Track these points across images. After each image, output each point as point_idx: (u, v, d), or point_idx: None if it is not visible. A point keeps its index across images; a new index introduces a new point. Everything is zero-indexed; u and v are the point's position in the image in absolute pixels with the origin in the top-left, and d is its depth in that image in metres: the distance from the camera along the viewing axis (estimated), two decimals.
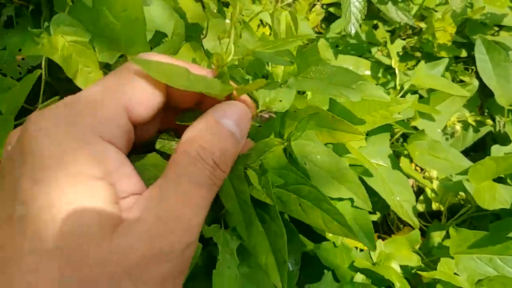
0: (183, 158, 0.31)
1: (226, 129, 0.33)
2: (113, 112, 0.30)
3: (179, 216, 0.29)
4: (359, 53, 1.08)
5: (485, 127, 1.02)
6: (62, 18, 0.54)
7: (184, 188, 0.30)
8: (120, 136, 0.30)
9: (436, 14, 1.09)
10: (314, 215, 0.47)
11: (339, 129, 0.61)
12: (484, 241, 0.77)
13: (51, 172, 0.27)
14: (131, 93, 0.31)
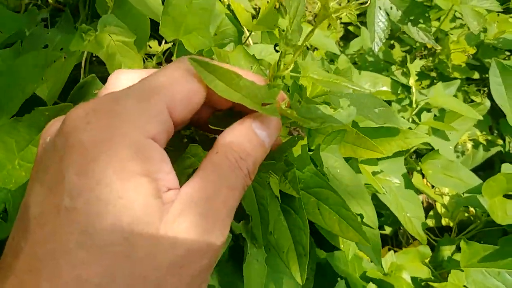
0: (224, 162, 0.33)
1: (260, 140, 0.36)
2: (158, 111, 0.31)
3: (218, 215, 0.31)
4: (376, 70, 1.12)
5: (495, 147, 1.05)
6: (109, 19, 0.57)
7: (223, 191, 0.32)
8: (162, 134, 0.31)
9: (451, 37, 1.13)
10: (331, 220, 0.51)
11: (361, 146, 0.65)
12: (493, 255, 0.80)
13: (97, 166, 0.28)
14: (175, 93, 0.32)
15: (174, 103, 0.32)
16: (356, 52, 1.13)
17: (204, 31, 0.55)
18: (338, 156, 0.62)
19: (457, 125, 0.99)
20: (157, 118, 0.31)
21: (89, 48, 0.52)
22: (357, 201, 0.62)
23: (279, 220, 0.49)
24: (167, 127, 0.32)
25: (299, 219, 0.48)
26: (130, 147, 0.29)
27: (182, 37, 0.56)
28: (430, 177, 0.87)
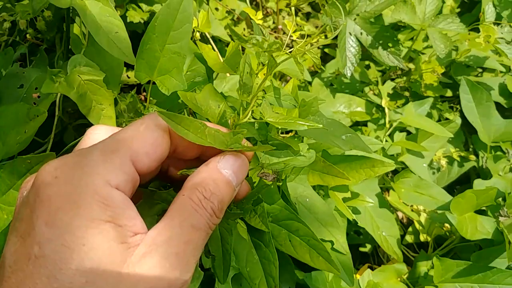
0: (187, 203, 0.35)
1: (226, 179, 0.38)
2: (121, 162, 0.34)
3: (181, 256, 0.33)
4: (352, 91, 1.16)
5: (469, 162, 1.09)
6: (78, 59, 0.60)
7: (187, 231, 0.34)
8: (126, 183, 0.34)
9: (423, 57, 1.17)
10: (302, 251, 0.53)
11: (329, 173, 0.68)
12: (466, 271, 0.83)
13: (64, 216, 0.31)
14: (139, 146, 0.36)
15: (138, 155, 0.35)
16: (332, 74, 1.17)
17: (177, 73, 0.58)
18: (307, 185, 0.65)
19: (430, 142, 1.02)
20: (120, 169, 0.34)
21: (60, 90, 0.55)
22: (327, 228, 0.65)
23: (250, 253, 0.51)
24: (131, 177, 0.35)
25: (269, 252, 0.50)
26: (93, 197, 0.32)
27: (155, 79, 0.58)
28: (402, 195, 0.90)
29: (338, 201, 0.73)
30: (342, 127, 0.68)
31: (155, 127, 0.37)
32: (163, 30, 0.54)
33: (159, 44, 0.56)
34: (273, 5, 1.21)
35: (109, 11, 0.63)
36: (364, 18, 0.97)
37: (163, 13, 0.54)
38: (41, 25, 0.71)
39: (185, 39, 0.55)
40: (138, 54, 0.56)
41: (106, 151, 0.34)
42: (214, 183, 0.37)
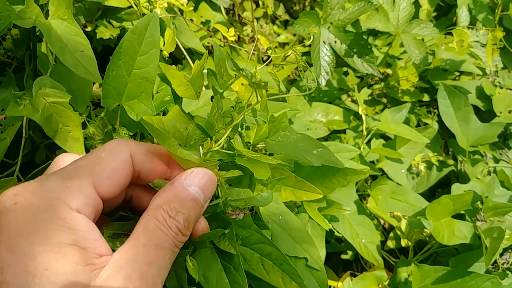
0: (151, 223, 0.36)
1: (192, 197, 0.38)
2: (82, 187, 0.35)
3: (145, 275, 0.33)
4: (330, 99, 1.16)
5: (447, 167, 1.09)
6: (44, 81, 0.58)
7: (151, 251, 0.34)
8: (87, 206, 0.35)
9: (399, 63, 1.18)
10: (275, 275, 0.53)
11: (301, 188, 0.68)
12: (445, 276, 0.83)
13: (25, 241, 0.31)
14: (101, 171, 0.36)
15: (99, 180, 0.36)
16: None
17: (145, 98, 0.57)
18: (279, 203, 0.65)
19: (408, 148, 1.03)
20: (80, 192, 0.34)
21: (24, 113, 0.54)
22: (301, 245, 0.65)
23: (220, 277, 0.51)
24: (93, 201, 0.35)
25: (238, 276, 0.50)
26: (55, 221, 0.32)
27: (124, 104, 0.58)
28: (380, 202, 0.90)
29: (314, 212, 0.73)
30: (313, 142, 0.67)
31: (117, 152, 0.38)
32: (129, 56, 0.54)
33: (126, 70, 0.56)
34: (249, 15, 1.21)
35: (74, 30, 0.62)
36: (338, 27, 0.98)
37: (129, 39, 0.53)
38: (8, 43, 0.70)
39: (152, 64, 0.55)
40: (104, 80, 0.56)
41: (66, 177, 0.35)
42: (179, 201, 0.37)
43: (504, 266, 0.83)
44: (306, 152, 0.64)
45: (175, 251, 0.37)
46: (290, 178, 0.65)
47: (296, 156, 0.63)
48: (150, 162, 0.40)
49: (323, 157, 0.65)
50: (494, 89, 1.17)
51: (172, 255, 0.36)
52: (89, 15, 0.86)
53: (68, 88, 0.62)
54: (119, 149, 0.38)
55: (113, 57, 0.54)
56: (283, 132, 0.65)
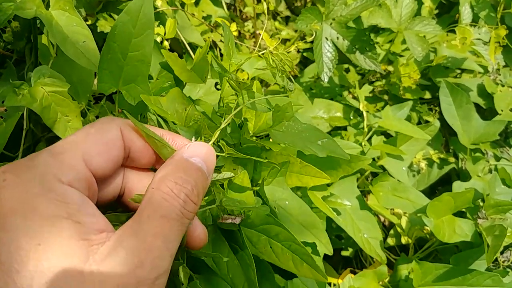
0: (156, 195, 0.33)
1: (196, 166, 0.36)
2: (71, 162, 0.33)
3: (150, 248, 0.31)
4: (332, 95, 1.16)
5: (448, 165, 1.09)
6: (43, 70, 0.58)
7: (156, 222, 0.32)
8: (79, 181, 0.33)
9: (401, 60, 1.18)
10: (285, 257, 0.50)
11: (307, 174, 0.67)
12: (446, 274, 0.83)
13: (17, 218, 0.30)
14: (91, 146, 0.35)
15: (90, 155, 0.35)
16: (311, 78, 1.16)
17: (142, 82, 0.56)
18: (285, 188, 0.63)
19: (409, 145, 1.02)
20: (70, 167, 0.33)
21: (23, 103, 0.53)
22: (309, 230, 0.63)
23: (230, 258, 0.49)
24: (85, 176, 0.34)
25: (245, 255, 0.48)
26: (47, 195, 0.31)
27: (121, 88, 0.57)
28: (381, 198, 0.90)
29: (318, 200, 0.72)
30: (318, 132, 0.67)
31: (107, 128, 0.37)
32: (124, 38, 0.52)
33: (121, 53, 0.54)
34: (251, 10, 1.21)
35: (76, 21, 0.62)
36: (340, 23, 0.97)
37: (122, 20, 0.52)
38: (8, 36, 0.69)
39: (148, 46, 0.53)
40: (99, 64, 0.54)
41: (55, 152, 0.34)
42: (184, 170, 0.36)
43: (505, 264, 0.83)
44: (311, 143, 0.63)
45: (184, 222, 0.34)
46: (295, 163, 0.64)
47: (301, 146, 0.62)
48: (140, 140, 0.39)
49: (328, 148, 0.65)
50: (496, 87, 1.17)
51: (181, 227, 0.34)
52: (90, 8, 0.85)
53: (69, 81, 0.61)
54: (109, 125, 0.37)
55: (107, 40, 0.52)
56: (288, 122, 0.65)
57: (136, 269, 0.30)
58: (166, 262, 0.32)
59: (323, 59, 0.96)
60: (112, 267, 0.29)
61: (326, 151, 0.65)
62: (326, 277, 0.50)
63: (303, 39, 1.25)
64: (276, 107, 0.66)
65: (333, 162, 0.72)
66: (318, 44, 0.96)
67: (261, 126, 0.67)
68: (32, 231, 0.29)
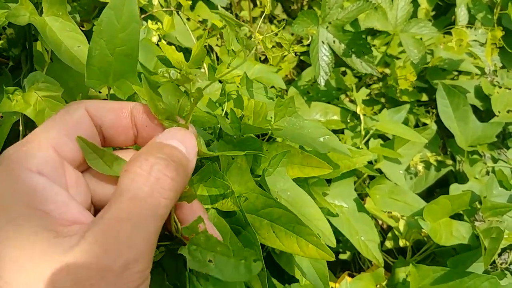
0: (124, 177, 0.31)
1: (171, 145, 0.34)
2: (38, 147, 0.32)
3: (116, 235, 0.28)
4: (328, 99, 1.16)
5: (446, 167, 1.09)
6: (37, 76, 0.58)
7: (123, 205, 0.29)
8: (49, 167, 0.31)
9: (398, 62, 1.18)
10: (289, 241, 0.49)
11: (308, 164, 0.66)
12: (443, 277, 0.82)
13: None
14: (58, 130, 0.33)
15: (59, 140, 0.33)
16: (308, 82, 1.16)
17: (131, 76, 0.56)
18: (287, 178, 0.62)
19: (407, 148, 1.02)
20: (37, 155, 0.31)
21: (17, 108, 0.54)
22: (312, 221, 0.62)
23: (233, 242, 0.48)
24: (54, 162, 0.32)
25: (248, 234, 0.48)
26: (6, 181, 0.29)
27: (111, 84, 0.57)
28: (378, 201, 0.90)
29: (319, 196, 0.72)
30: (320, 129, 0.66)
31: (71, 111, 0.35)
32: (110, 34, 0.52)
33: (109, 49, 0.54)
34: (247, 14, 1.21)
35: (70, 26, 0.62)
36: (337, 26, 0.97)
37: (107, 16, 0.51)
38: (3, 43, 0.70)
39: (134, 40, 0.53)
40: (87, 61, 0.54)
41: (23, 142, 0.32)
42: (157, 149, 0.33)
43: (503, 266, 0.83)
44: (312, 139, 0.63)
45: (159, 203, 0.30)
46: (297, 154, 0.64)
47: (302, 142, 0.62)
48: (109, 115, 0.36)
49: (329, 145, 0.64)
50: (493, 88, 1.17)
51: (156, 209, 0.30)
52: (86, 14, 0.85)
53: (66, 86, 0.61)
54: (73, 107, 0.35)
55: (93, 37, 0.52)
56: (289, 117, 0.64)
57: (99, 259, 0.27)
58: (136, 249, 0.28)
59: (319, 63, 0.96)
60: (74, 259, 0.27)
61: (327, 148, 0.65)
62: (333, 255, 0.49)
63: (299, 42, 1.25)
64: (278, 101, 0.66)
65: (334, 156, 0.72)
66: (314, 48, 0.96)
67: (260, 122, 0.66)
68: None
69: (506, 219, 0.85)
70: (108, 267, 0.27)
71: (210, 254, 0.34)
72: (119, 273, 0.27)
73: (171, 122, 0.37)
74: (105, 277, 0.27)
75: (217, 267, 0.33)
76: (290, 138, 0.64)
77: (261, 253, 0.47)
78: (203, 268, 0.33)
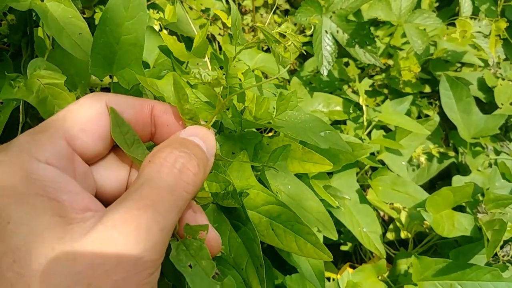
0: (148, 167, 0.31)
1: (194, 142, 0.34)
2: (49, 140, 0.31)
3: (136, 220, 0.28)
4: (331, 89, 1.15)
5: (448, 159, 1.09)
6: (38, 63, 0.57)
7: (145, 193, 0.29)
8: (60, 159, 0.31)
9: (401, 53, 1.17)
10: (287, 239, 0.49)
11: (309, 160, 0.66)
12: (445, 268, 0.82)
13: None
14: (73, 123, 0.33)
15: (73, 133, 0.32)
16: (310, 72, 1.16)
17: (136, 66, 0.55)
18: (287, 172, 0.62)
19: (409, 140, 1.02)
20: (50, 145, 0.31)
21: (19, 95, 0.52)
22: (313, 215, 0.62)
23: (232, 237, 0.48)
24: (65, 154, 0.32)
25: (248, 230, 0.47)
26: (17, 172, 0.29)
27: (115, 73, 0.56)
28: (380, 193, 0.89)
29: (320, 189, 0.72)
30: (321, 123, 0.66)
31: (91, 103, 0.34)
32: (116, 22, 0.51)
33: (114, 37, 0.53)
34: (250, 3, 1.20)
35: (71, 12, 0.61)
36: (340, 16, 0.96)
37: (114, 3, 0.50)
38: (4, 29, 0.68)
39: (140, 29, 0.52)
40: (92, 49, 0.53)
41: (35, 132, 0.32)
42: (181, 144, 0.33)
43: (505, 259, 0.83)
44: (314, 134, 0.63)
45: (181, 196, 0.30)
46: (297, 150, 0.63)
47: (303, 137, 0.61)
48: (129, 111, 0.36)
49: (330, 140, 0.64)
50: (496, 80, 1.16)
51: (176, 201, 0.30)
52: (87, 1, 0.84)
53: (67, 73, 0.60)
54: (93, 100, 0.34)
55: (99, 24, 0.51)
56: (291, 111, 0.64)
57: (117, 244, 0.27)
58: (153, 238, 0.28)
59: (322, 53, 0.96)
60: (90, 244, 0.26)
61: (328, 143, 0.64)
62: (331, 256, 0.49)
63: (302, 32, 1.24)
64: (280, 95, 0.65)
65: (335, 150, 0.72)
66: (317, 38, 0.96)
67: (262, 114, 0.66)
68: (6, 210, 0.27)
69: (508, 211, 0.85)
70: (126, 253, 0.27)
71: (193, 262, 0.33)
72: (135, 260, 0.27)
73: (194, 122, 0.37)
74: (121, 263, 0.27)
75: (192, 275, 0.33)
76: (291, 132, 0.63)
77: (260, 250, 0.46)
78: (179, 267, 0.33)
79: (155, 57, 0.72)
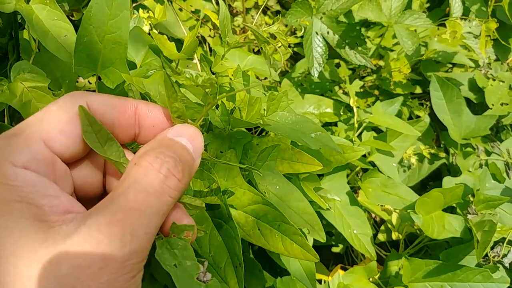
0: (134, 170, 0.31)
1: (181, 144, 0.34)
2: (26, 143, 0.30)
3: (121, 224, 0.28)
4: (322, 91, 1.15)
5: (439, 160, 1.09)
6: (23, 66, 0.56)
7: (131, 197, 0.29)
8: (38, 163, 0.30)
9: (391, 54, 1.17)
10: (273, 239, 0.49)
11: (298, 160, 0.65)
12: (436, 270, 0.82)
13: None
14: (51, 124, 0.32)
15: (51, 134, 0.32)
16: (301, 74, 1.15)
17: (121, 65, 0.54)
18: (276, 172, 0.62)
19: (400, 141, 1.02)
20: (26, 149, 0.30)
21: (2, 99, 0.51)
22: (301, 216, 0.62)
23: (213, 235, 0.48)
24: (44, 157, 0.31)
25: (229, 228, 0.47)
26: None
27: (99, 72, 0.55)
28: (370, 195, 0.89)
29: (310, 191, 0.71)
30: (312, 124, 0.66)
31: (70, 104, 0.33)
32: (100, 20, 0.51)
33: (98, 35, 0.52)
34: (240, 5, 1.19)
35: (57, 14, 0.60)
36: (331, 17, 0.96)
37: (97, 2, 0.50)
38: None
39: (124, 27, 0.52)
40: (76, 47, 0.52)
41: (10, 135, 0.31)
42: (167, 147, 0.33)
43: (495, 260, 0.83)
44: (304, 134, 0.62)
45: (165, 200, 0.31)
46: (287, 150, 0.63)
47: (294, 138, 0.61)
48: (111, 111, 0.35)
49: (321, 141, 0.63)
50: (487, 81, 1.16)
51: (161, 205, 0.30)
52: (76, 3, 0.84)
53: (52, 76, 0.60)
54: (72, 100, 0.33)
55: (82, 23, 0.50)
56: (282, 112, 0.63)
57: (103, 247, 0.27)
58: (138, 241, 0.28)
59: (313, 54, 0.95)
60: (72, 246, 0.27)
61: (319, 144, 0.64)
62: (318, 256, 0.49)
63: (293, 34, 1.24)
64: (271, 95, 0.65)
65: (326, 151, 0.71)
66: (308, 39, 0.95)
67: (254, 115, 0.65)
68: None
69: (498, 212, 0.85)
70: (112, 255, 0.27)
71: (178, 261, 0.33)
72: (120, 262, 0.27)
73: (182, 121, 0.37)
74: (107, 266, 0.27)
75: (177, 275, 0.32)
76: (282, 132, 0.63)
77: (240, 249, 0.46)
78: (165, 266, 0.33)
79: (142, 57, 0.71)
